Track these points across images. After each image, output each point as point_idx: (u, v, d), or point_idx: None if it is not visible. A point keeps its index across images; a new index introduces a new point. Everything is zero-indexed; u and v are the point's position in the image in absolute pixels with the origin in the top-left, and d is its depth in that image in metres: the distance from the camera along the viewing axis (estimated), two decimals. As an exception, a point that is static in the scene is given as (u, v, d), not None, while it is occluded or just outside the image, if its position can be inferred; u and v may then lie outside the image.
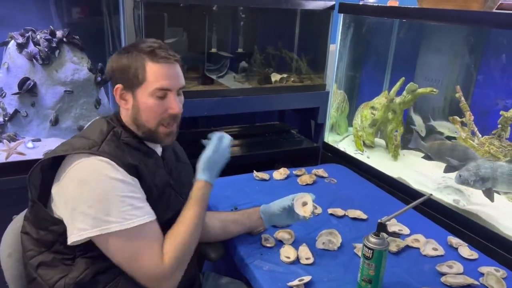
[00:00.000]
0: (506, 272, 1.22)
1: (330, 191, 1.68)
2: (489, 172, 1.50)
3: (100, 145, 0.97)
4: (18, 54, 1.77)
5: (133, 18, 1.94)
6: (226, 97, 2.12)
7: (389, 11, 1.97)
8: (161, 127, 1.05)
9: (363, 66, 2.56)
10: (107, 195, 0.92)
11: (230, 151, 1.18)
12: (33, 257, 1.00)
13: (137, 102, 1.03)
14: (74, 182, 0.94)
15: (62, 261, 0.99)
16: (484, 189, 1.54)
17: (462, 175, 1.57)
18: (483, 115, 1.90)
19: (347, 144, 2.29)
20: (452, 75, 2.06)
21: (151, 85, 1.01)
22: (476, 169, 1.53)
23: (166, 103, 1.03)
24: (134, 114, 1.04)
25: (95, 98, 1.92)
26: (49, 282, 0.98)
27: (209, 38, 2.37)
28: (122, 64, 1.03)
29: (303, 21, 2.52)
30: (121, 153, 0.99)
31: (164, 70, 1.02)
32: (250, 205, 1.47)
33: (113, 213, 0.92)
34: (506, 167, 1.49)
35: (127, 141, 1.03)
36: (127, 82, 1.03)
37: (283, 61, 2.56)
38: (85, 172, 0.94)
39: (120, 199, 0.92)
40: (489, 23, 1.58)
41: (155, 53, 1.02)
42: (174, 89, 1.04)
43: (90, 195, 0.92)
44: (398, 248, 1.29)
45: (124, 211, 0.92)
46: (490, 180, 1.50)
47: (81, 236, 0.92)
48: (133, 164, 0.99)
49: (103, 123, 1.05)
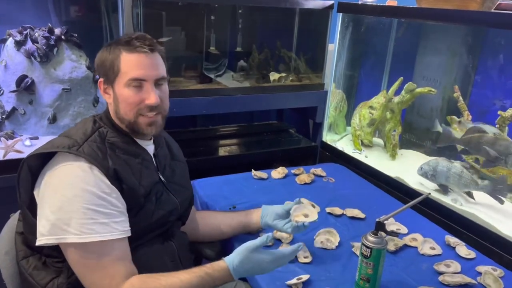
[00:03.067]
0: (503, 271, 1.22)
1: (328, 190, 1.68)
2: (445, 170, 1.67)
3: (80, 145, 0.95)
4: (16, 52, 1.76)
5: (132, 17, 1.94)
6: (224, 96, 2.12)
7: (387, 10, 1.98)
8: (140, 118, 1.02)
9: (361, 66, 2.56)
10: (71, 204, 0.90)
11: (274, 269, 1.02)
12: (24, 258, 1.00)
13: (116, 94, 1.01)
14: (47, 186, 0.93)
15: (52, 263, 0.99)
16: (438, 184, 1.71)
17: (423, 167, 1.73)
18: (481, 115, 1.90)
19: (345, 144, 2.29)
20: (450, 74, 2.06)
21: (125, 76, 0.99)
22: (435, 165, 1.70)
23: (142, 94, 1.00)
24: (115, 107, 1.03)
25: (93, 96, 1.92)
26: (41, 283, 0.98)
27: (208, 37, 2.37)
28: (102, 58, 1.02)
29: (302, 20, 2.52)
30: (102, 155, 0.96)
31: (138, 60, 0.99)
32: (248, 204, 1.47)
33: (73, 223, 0.89)
34: (458, 168, 1.65)
35: (112, 141, 1.01)
36: (106, 75, 1.02)
37: (282, 60, 2.56)
38: (58, 178, 0.93)
39: (83, 210, 0.90)
40: (487, 23, 1.59)
41: (131, 43, 0.99)
42: (150, 79, 1.00)
43: (55, 202, 0.91)
44: (396, 247, 1.29)
45: (83, 224, 0.90)
46: (443, 177, 1.68)
47: (40, 241, 0.91)
48: (112, 168, 0.96)
49: (89, 122, 1.03)
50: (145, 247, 1.04)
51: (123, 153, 1.02)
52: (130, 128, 1.04)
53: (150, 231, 1.05)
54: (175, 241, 1.13)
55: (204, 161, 2.07)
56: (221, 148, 2.28)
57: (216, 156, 2.18)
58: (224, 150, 2.25)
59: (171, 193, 1.12)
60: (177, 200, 1.13)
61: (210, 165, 2.06)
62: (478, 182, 1.63)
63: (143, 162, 1.05)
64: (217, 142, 2.37)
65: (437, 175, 1.69)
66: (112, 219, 0.93)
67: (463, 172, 1.64)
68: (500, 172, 1.69)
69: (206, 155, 2.13)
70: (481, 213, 1.55)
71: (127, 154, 1.02)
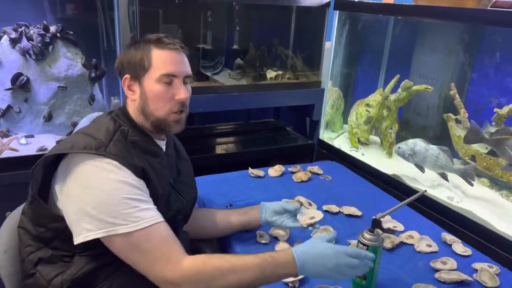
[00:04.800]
0: (499, 268, 1.23)
1: (325, 188, 1.68)
2: (422, 151, 1.73)
3: (107, 145, 0.95)
4: (11, 49, 1.75)
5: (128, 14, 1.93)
6: (221, 94, 2.11)
7: (384, 8, 1.98)
8: (172, 115, 1.04)
9: (358, 64, 2.56)
10: (112, 197, 0.91)
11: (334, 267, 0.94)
12: (31, 253, 1.00)
13: (144, 90, 1.02)
14: (79, 183, 0.93)
15: (60, 258, 0.98)
16: (415, 163, 1.78)
17: (401, 147, 1.78)
18: (477, 112, 1.91)
19: (342, 141, 2.29)
20: (447, 72, 2.07)
21: (157, 71, 1.01)
22: (413, 146, 1.75)
23: (173, 90, 1.03)
24: (142, 104, 1.03)
25: (89, 94, 1.91)
26: (46, 278, 0.97)
27: (204, 35, 2.36)
28: (129, 54, 1.04)
29: (299, 18, 2.51)
30: (128, 154, 0.97)
31: (169, 56, 1.03)
32: (245, 202, 1.47)
33: (118, 215, 0.90)
34: (435, 150, 1.71)
35: (133, 140, 1.01)
36: (134, 71, 1.03)
37: (279, 58, 2.55)
38: (89, 173, 0.92)
39: (125, 201, 0.91)
40: (484, 21, 1.59)
41: (161, 41, 1.03)
42: (180, 76, 1.04)
43: (95, 198, 0.91)
44: (392, 244, 1.29)
45: (129, 213, 0.91)
46: (421, 157, 1.73)
47: (87, 237, 0.91)
48: (140, 166, 0.97)
49: (109, 121, 1.03)
50: None
51: (143, 152, 1.02)
52: (157, 124, 1.04)
53: None
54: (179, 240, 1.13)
55: (201, 159, 2.07)
56: (218, 146, 2.28)
57: (213, 154, 2.18)
58: (221, 148, 2.25)
59: (178, 193, 1.12)
60: (185, 200, 1.13)
61: (207, 163, 2.06)
62: (452, 165, 1.70)
63: (162, 162, 1.07)
64: (214, 140, 2.36)
65: (415, 155, 1.74)
66: (151, 204, 0.96)
67: (440, 154, 1.70)
68: (496, 171, 1.70)
69: (203, 153, 2.13)
70: (477, 211, 1.56)
71: (147, 154, 1.03)
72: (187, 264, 0.91)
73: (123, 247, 0.92)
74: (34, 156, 1.65)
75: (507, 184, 1.68)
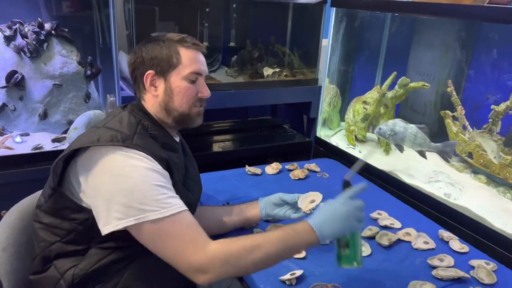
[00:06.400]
0: (496, 264, 1.23)
1: (322, 186, 1.68)
2: (402, 130, 1.78)
3: (132, 138, 0.97)
4: (5, 47, 1.73)
5: (123, 12, 1.92)
6: (218, 91, 2.10)
7: (381, 5, 1.97)
8: (194, 108, 1.08)
9: (355, 61, 2.55)
10: (141, 184, 0.92)
11: (360, 220, 1.01)
12: (46, 248, 1.00)
13: (170, 86, 1.06)
14: (107, 173, 0.93)
15: (74, 252, 0.99)
16: (395, 143, 1.83)
17: (382, 128, 1.83)
18: (474, 109, 1.91)
19: (339, 139, 2.29)
20: (444, 69, 2.07)
21: (186, 69, 1.05)
22: (393, 126, 1.80)
23: (197, 87, 1.08)
24: (166, 99, 1.06)
25: (85, 92, 1.90)
26: (61, 271, 0.98)
27: (201, 32, 2.35)
28: (153, 51, 1.06)
29: (296, 15, 2.51)
30: (153, 146, 0.99)
31: (197, 56, 1.08)
32: (242, 200, 1.46)
33: (148, 201, 0.91)
34: (414, 129, 1.77)
35: (154, 135, 1.03)
36: (160, 67, 1.05)
37: (276, 55, 2.55)
38: (118, 163, 0.93)
39: (154, 187, 0.92)
40: (481, 17, 1.58)
41: (185, 40, 1.08)
42: (204, 74, 1.10)
43: (124, 186, 0.91)
44: (389, 241, 1.29)
45: (159, 200, 0.92)
46: (400, 137, 1.79)
47: (117, 226, 0.91)
48: (165, 158, 0.99)
49: (128, 115, 1.04)
50: None
51: (163, 147, 1.04)
52: (180, 119, 1.08)
53: None
54: None
55: (198, 157, 2.03)
56: (215, 144, 2.27)
57: (210, 152, 2.17)
58: (218, 146, 2.24)
59: (187, 189, 1.12)
60: (193, 196, 1.14)
61: (204, 161, 2.04)
62: (430, 143, 1.78)
63: (179, 157, 1.10)
64: (211, 138, 2.36)
65: (395, 135, 1.79)
66: (175, 194, 0.97)
67: (418, 133, 1.76)
68: (493, 167, 1.70)
69: (200, 151, 2.12)
70: (474, 208, 1.56)
71: (167, 148, 1.05)
72: (213, 248, 0.92)
73: (152, 234, 0.92)
74: (29, 154, 1.64)
75: (504, 181, 1.68)
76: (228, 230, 1.29)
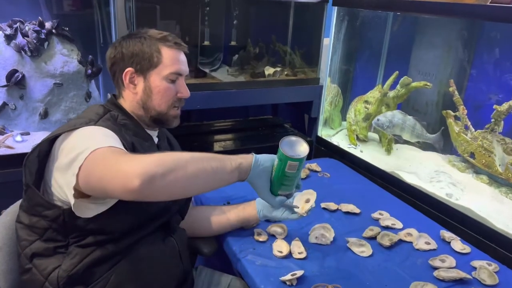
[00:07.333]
0: (498, 265, 1.22)
1: (323, 185, 1.67)
2: (400, 122, 1.84)
3: (96, 121, 0.97)
4: (6, 46, 1.73)
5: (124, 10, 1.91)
6: (219, 90, 2.10)
7: (383, 4, 1.96)
8: (172, 110, 1.09)
9: (357, 60, 2.55)
10: (92, 133, 0.92)
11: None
12: (26, 247, 0.99)
13: (150, 85, 1.06)
14: (68, 143, 0.91)
15: (55, 249, 0.97)
16: (393, 135, 1.90)
17: (380, 119, 1.88)
18: (476, 109, 1.90)
19: (341, 138, 2.28)
20: (446, 69, 2.06)
21: (166, 69, 1.05)
22: (391, 117, 1.86)
23: (176, 87, 1.08)
24: (144, 98, 1.06)
25: (86, 91, 1.90)
26: (44, 273, 0.96)
27: (202, 31, 2.35)
28: (135, 48, 1.05)
29: (297, 14, 2.50)
30: (118, 129, 0.99)
31: (177, 55, 1.07)
32: (243, 200, 1.45)
33: (92, 144, 0.85)
34: (412, 120, 1.85)
35: (123, 123, 1.03)
36: (140, 65, 1.05)
37: (277, 54, 2.54)
38: (75, 135, 0.91)
39: (103, 137, 0.90)
40: (483, 17, 1.58)
41: (167, 39, 1.07)
42: (184, 74, 1.10)
43: (78, 138, 0.90)
44: (391, 242, 1.28)
45: (104, 141, 0.87)
46: (399, 128, 1.85)
47: (74, 178, 0.83)
48: (130, 141, 0.99)
49: (98, 107, 1.05)
50: (147, 244, 1.04)
51: (134, 134, 1.04)
52: (157, 119, 1.08)
53: (151, 220, 1.04)
54: (176, 237, 1.13)
55: (199, 156, 2.06)
56: (216, 143, 2.27)
57: (211, 151, 2.17)
58: (219, 145, 2.23)
59: None
60: None
61: (204, 161, 2.05)
62: (427, 134, 1.86)
63: (151, 146, 1.09)
64: (211, 137, 2.35)
65: (393, 126, 1.85)
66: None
67: (416, 125, 1.84)
68: (495, 168, 1.69)
69: (200, 151, 2.10)
70: (476, 208, 1.55)
71: (137, 136, 1.05)
72: (147, 158, 0.81)
73: (90, 168, 0.83)
74: (30, 153, 1.64)
75: (506, 181, 1.68)
76: (226, 230, 1.28)
